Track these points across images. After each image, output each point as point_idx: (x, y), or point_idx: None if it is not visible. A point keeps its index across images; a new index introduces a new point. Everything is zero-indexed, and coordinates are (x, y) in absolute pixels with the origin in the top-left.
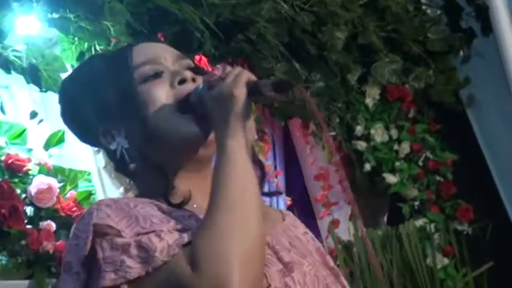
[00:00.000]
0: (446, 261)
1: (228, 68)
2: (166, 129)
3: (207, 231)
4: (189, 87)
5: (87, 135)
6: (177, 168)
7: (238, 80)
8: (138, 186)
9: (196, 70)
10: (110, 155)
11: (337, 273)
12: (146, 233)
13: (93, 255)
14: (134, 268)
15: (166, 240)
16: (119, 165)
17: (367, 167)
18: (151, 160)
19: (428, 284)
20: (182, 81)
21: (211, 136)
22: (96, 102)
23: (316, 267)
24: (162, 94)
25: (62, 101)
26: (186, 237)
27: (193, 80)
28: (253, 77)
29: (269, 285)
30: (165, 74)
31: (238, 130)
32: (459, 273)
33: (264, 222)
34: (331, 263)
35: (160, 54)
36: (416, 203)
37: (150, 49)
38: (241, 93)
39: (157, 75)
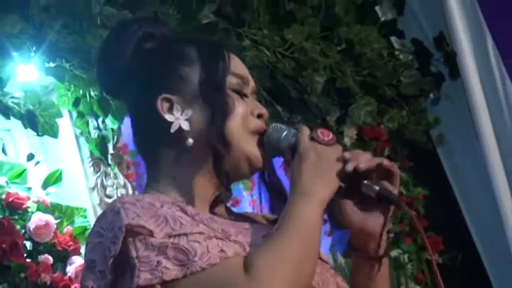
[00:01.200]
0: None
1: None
2: (238, 138)
3: (273, 245)
4: (262, 123)
5: (125, 92)
6: (223, 178)
7: (335, 149)
8: (162, 174)
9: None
10: (146, 124)
11: (337, 272)
12: (178, 235)
13: (124, 255)
14: (171, 270)
15: (205, 245)
16: (152, 141)
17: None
18: (215, 155)
19: None
20: (260, 116)
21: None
22: (173, 72)
23: (322, 269)
24: (244, 113)
25: (108, 58)
26: (228, 252)
27: (261, 115)
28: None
29: None
30: (246, 99)
31: (327, 187)
32: None
33: None
34: (331, 263)
35: (248, 77)
36: (391, 235)
37: (242, 67)
38: (335, 163)
39: (241, 94)
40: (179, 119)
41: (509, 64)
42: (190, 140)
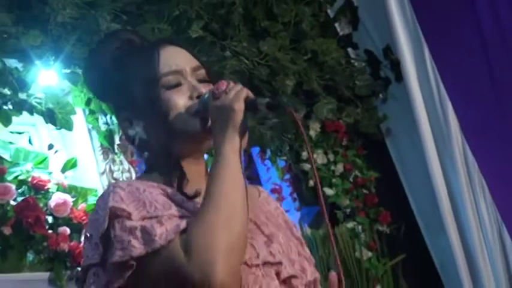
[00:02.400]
0: (370, 254)
1: (232, 84)
2: (181, 127)
3: (200, 223)
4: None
5: (107, 99)
6: (185, 156)
7: (239, 95)
8: (149, 167)
9: (207, 81)
10: (125, 135)
11: (302, 242)
12: (150, 218)
13: (108, 233)
14: (137, 248)
15: (165, 226)
16: (134, 146)
17: (311, 183)
18: (167, 149)
19: (357, 272)
20: (199, 96)
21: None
22: (121, 91)
23: (288, 237)
24: (181, 103)
25: (89, 72)
26: (181, 226)
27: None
28: (251, 95)
29: (258, 254)
30: (184, 85)
31: (234, 138)
32: (380, 263)
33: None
34: (298, 233)
35: (182, 66)
36: (348, 210)
37: (174, 59)
38: (240, 107)
39: (178, 84)
40: (137, 131)
41: (443, 70)
42: (146, 153)
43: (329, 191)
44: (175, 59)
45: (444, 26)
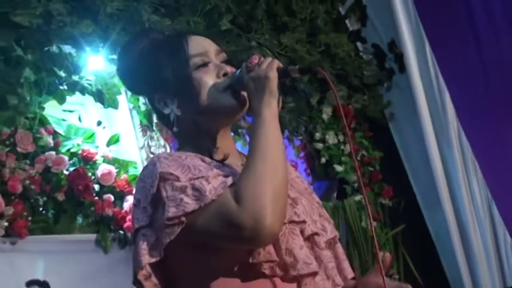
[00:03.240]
0: (375, 224)
1: (263, 58)
2: (213, 103)
3: (248, 175)
4: (228, 78)
5: (139, 90)
6: (215, 129)
7: (272, 65)
8: (182, 142)
9: (230, 62)
10: (160, 114)
11: (321, 205)
12: (197, 178)
13: (158, 195)
14: (190, 204)
15: (212, 183)
16: (167, 123)
17: (323, 160)
18: (201, 125)
19: (362, 239)
20: (225, 74)
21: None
22: (153, 75)
23: (310, 200)
24: (210, 81)
25: (120, 66)
26: (229, 181)
27: (226, 74)
28: (281, 64)
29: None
30: (210, 65)
31: (272, 102)
32: (383, 232)
33: None
34: (317, 198)
35: (207, 48)
36: (355, 184)
37: (200, 43)
38: (274, 75)
39: (205, 64)
40: (172, 109)
41: (442, 63)
42: (175, 129)
43: (339, 168)
44: (201, 43)
45: (443, 23)
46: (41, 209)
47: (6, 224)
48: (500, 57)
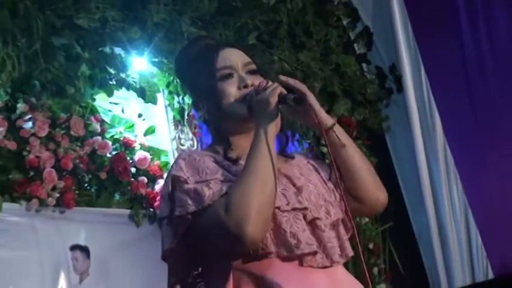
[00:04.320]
0: (367, 219)
1: (270, 83)
2: (230, 111)
3: (238, 187)
4: (248, 90)
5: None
6: (233, 133)
7: (274, 91)
8: (212, 142)
9: (258, 72)
10: (199, 115)
11: (329, 190)
12: (201, 182)
13: (172, 194)
14: (191, 205)
15: (212, 189)
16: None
17: (327, 161)
18: (221, 128)
19: (355, 232)
20: (246, 86)
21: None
22: (191, 84)
23: (318, 187)
24: (232, 91)
25: (175, 70)
26: (224, 189)
27: (252, 85)
28: (284, 91)
29: (288, 202)
30: (235, 76)
31: (268, 125)
32: (373, 227)
33: (284, 163)
34: (328, 183)
35: (234, 62)
36: None
37: (228, 57)
38: (274, 100)
39: (229, 76)
40: (204, 113)
41: (434, 86)
42: (211, 127)
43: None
44: (230, 57)
45: (437, 52)
46: (86, 184)
47: (57, 195)
48: (485, 82)
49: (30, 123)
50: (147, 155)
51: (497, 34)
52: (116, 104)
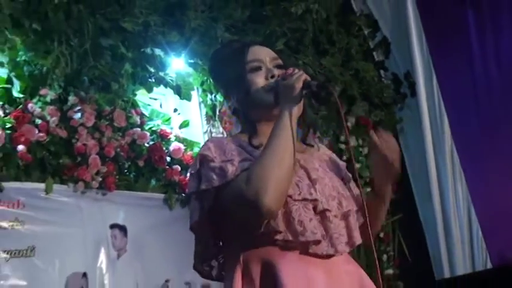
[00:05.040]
0: None
1: (296, 70)
2: (258, 99)
3: (258, 161)
4: (273, 80)
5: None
6: (259, 120)
7: (300, 78)
8: (243, 130)
9: (282, 66)
10: (229, 106)
11: (344, 183)
12: (227, 161)
13: (199, 171)
14: (216, 180)
15: (235, 166)
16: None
17: (344, 158)
18: (248, 115)
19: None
20: (272, 77)
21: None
22: (222, 78)
23: (333, 180)
24: (260, 81)
25: (209, 69)
26: (246, 165)
27: (279, 75)
28: (308, 78)
29: (300, 192)
30: (263, 68)
31: (292, 107)
32: (387, 218)
33: (303, 154)
34: (345, 176)
35: (263, 55)
36: (367, 178)
37: (257, 52)
38: (298, 86)
39: (258, 68)
40: (234, 103)
41: (444, 93)
42: (241, 116)
43: (357, 165)
44: (259, 51)
45: (448, 63)
46: (125, 170)
47: (100, 179)
48: (491, 94)
49: (79, 114)
50: (181, 146)
51: (503, 50)
52: (154, 99)
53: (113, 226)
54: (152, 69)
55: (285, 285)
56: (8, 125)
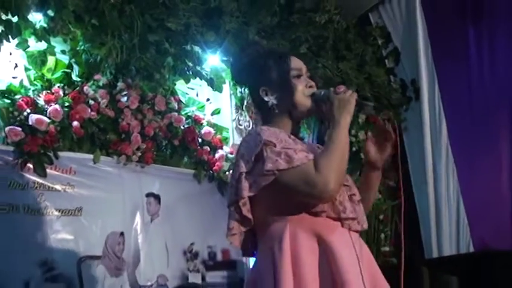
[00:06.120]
0: (379, 196)
1: (347, 88)
2: (301, 103)
3: (326, 154)
4: (313, 89)
5: (243, 81)
6: (300, 120)
7: (353, 95)
8: (269, 121)
9: (312, 78)
10: (258, 99)
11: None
12: (288, 148)
13: (260, 154)
14: (282, 164)
15: (299, 155)
16: (262, 107)
17: (353, 149)
18: (292, 114)
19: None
20: (311, 87)
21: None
22: (262, 73)
23: None
24: (302, 88)
25: (234, 64)
26: (309, 156)
27: (312, 86)
28: (357, 97)
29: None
30: (302, 78)
31: (348, 117)
32: (385, 203)
33: None
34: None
35: (302, 66)
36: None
37: (298, 62)
38: (353, 102)
39: (299, 76)
40: (271, 99)
41: (444, 99)
42: (276, 110)
43: (362, 156)
44: (298, 62)
45: (449, 73)
46: (163, 148)
47: (140, 154)
48: (484, 105)
49: (125, 98)
50: (212, 130)
51: (498, 60)
52: (191, 89)
53: (148, 194)
54: (190, 64)
55: (338, 252)
56: (66, 104)
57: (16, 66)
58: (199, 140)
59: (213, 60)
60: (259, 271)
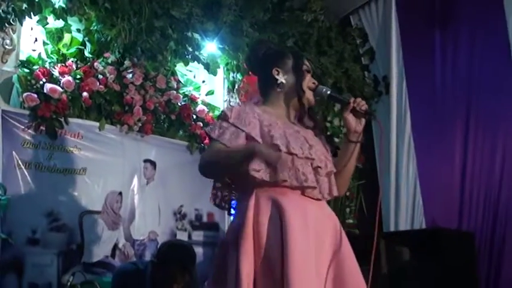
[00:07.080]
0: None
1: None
2: (305, 89)
3: (228, 150)
4: (315, 85)
5: (254, 69)
6: (299, 103)
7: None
8: (267, 100)
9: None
10: (265, 79)
11: (328, 151)
12: (232, 126)
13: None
14: (215, 133)
15: (233, 135)
16: (267, 85)
17: (328, 133)
18: (299, 93)
19: None
20: (314, 83)
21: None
22: (279, 59)
23: (321, 148)
24: (309, 83)
25: (250, 55)
26: (238, 142)
27: (314, 83)
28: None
29: (303, 152)
30: (309, 73)
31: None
32: (353, 182)
33: (302, 129)
34: (327, 146)
35: (309, 65)
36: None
37: (309, 62)
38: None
39: (308, 72)
40: (281, 78)
41: (410, 93)
42: (279, 89)
43: (336, 140)
44: (309, 63)
45: (416, 72)
46: (161, 121)
47: (140, 124)
48: (444, 102)
49: (130, 75)
50: (205, 108)
51: (459, 63)
52: (190, 71)
53: (145, 160)
54: (190, 49)
55: (286, 210)
56: (78, 76)
57: (36, 40)
58: (194, 116)
59: (211, 47)
60: (233, 227)
